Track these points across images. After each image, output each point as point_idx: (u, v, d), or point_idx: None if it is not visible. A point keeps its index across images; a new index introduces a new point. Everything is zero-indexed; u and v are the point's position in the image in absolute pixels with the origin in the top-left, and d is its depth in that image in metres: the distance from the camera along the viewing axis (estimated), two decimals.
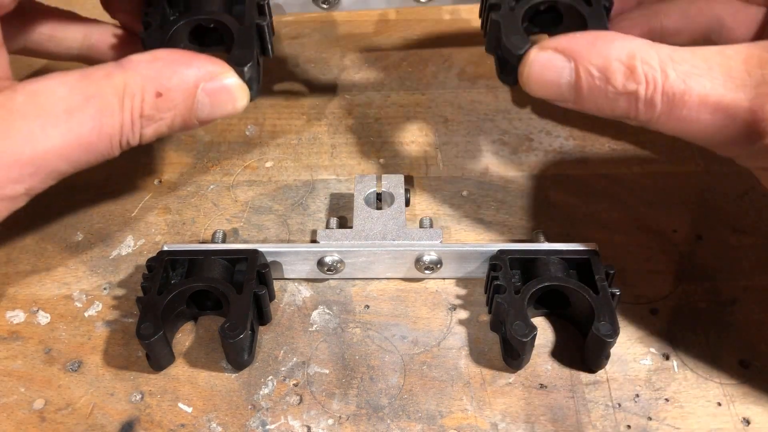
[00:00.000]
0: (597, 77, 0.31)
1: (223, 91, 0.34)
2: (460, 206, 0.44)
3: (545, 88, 0.33)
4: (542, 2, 0.37)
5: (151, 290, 0.36)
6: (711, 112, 0.29)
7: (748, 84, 0.28)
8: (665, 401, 0.35)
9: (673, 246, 0.42)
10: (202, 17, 0.37)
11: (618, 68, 0.30)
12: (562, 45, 0.32)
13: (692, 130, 0.30)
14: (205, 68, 0.33)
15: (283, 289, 0.40)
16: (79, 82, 0.31)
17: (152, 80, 0.32)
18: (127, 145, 0.33)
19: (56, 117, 0.30)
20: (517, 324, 0.34)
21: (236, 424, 0.34)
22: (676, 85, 0.29)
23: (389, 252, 0.39)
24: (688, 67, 0.29)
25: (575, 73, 0.32)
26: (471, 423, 0.34)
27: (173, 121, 0.33)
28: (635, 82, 0.30)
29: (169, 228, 0.43)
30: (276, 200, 0.45)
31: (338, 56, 0.55)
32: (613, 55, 0.31)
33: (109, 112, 0.31)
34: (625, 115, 0.32)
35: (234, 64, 0.34)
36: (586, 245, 0.38)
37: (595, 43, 0.31)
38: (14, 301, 0.39)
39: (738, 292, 0.39)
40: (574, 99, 0.33)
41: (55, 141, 0.30)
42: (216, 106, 0.34)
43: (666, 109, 0.30)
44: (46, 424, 0.35)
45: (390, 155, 0.48)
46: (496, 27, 0.36)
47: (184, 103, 0.33)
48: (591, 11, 0.36)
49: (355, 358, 0.37)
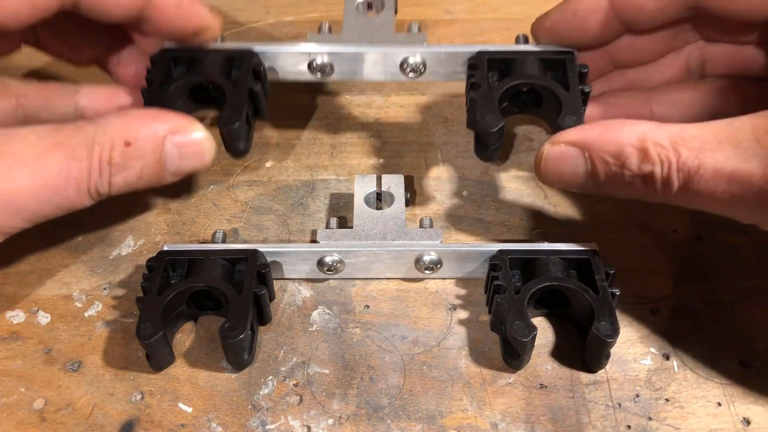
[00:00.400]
0: (612, 164, 0.32)
1: (191, 143, 0.36)
2: (460, 206, 0.44)
3: (563, 179, 0.35)
4: (522, 84, 0.39)
5: (151, 290, 0.36)
6: (726, 184, 0.30)
7: (759, 153, 0.29)
8: (665, 401, 0.35)
9: (673, 246, 0.42)
10: (200, 79, 0.40)
11: (631, 152, 0.31)
12: (573, 137, 0.34)
13: (711, 202, 0.31)
14: (173, 122, 0.35)
15: (283, 289, 0.40)
16: (49, 132, 0.33)
17: (121, 131, 0.34)
18: (97, 194, 0.34)
19: (24, 159, 0.32)
20: (517, 324, 0.34)
21: (236, 424, 0.34)
22: (690, 162, 0.30)
23: (389, 252, 0.39)
24: (698, 143, 0.30)
25: (590, 163, 0.33)
26: (471, 423, 0.34)
27: (143, 171, 0.35)
28: (650, 164, 0.31)
29: (169, 228, 0.43)
30: (276, 200, 0.45)
31: None
32: (624, 140, 0.32)
33: (78, 157, 0.33)
34: (644, 195, 0.33)
35: (221, 123, 0.37)
36: (586, 245, 0.38)
37: (606, 132, 0.32)
38: (14, 301, 0.39)
39: (738, 292, 0.39)
40: (593, 186, 0.34)
41: (22, 181, 0.32)
42: (184, 158, 0.36)
43: (683, 185, 0.31)
44: (46, 424, 0.35)
45: (390, 155, 0.48)
46: (474, 105, 0.38)
47: (153, 153, 0.34)
48: (567, 96, 0.38)
49: (355, 358, 0.37)
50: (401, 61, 0.42)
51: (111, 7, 0.37)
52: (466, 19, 0.58)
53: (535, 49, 0.41)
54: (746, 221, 0.32)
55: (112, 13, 0.38)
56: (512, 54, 0.41)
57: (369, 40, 0.42)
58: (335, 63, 0.42)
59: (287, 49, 0.42)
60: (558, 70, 0.40)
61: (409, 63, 0.42)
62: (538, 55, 0.40)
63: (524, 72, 0.40)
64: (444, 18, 0.58)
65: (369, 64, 0.42)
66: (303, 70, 0.43)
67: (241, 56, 0.41)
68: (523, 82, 0.39)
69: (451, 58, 0.42)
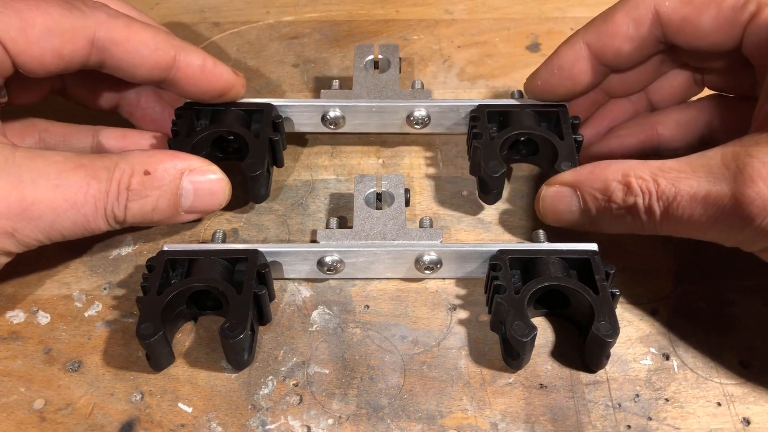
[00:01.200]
0: (601, 198, 0.36)
1: (207, 183, 0.38)
2: (460, 206, 0.44)
3: (560, 217, 0.38)
4: (520, 134, 0.43)
5: (151, 290, 0.36)
6: (702, 208, 0.32)
7: (727, 175, 0.32)
8: (665, 401, 0.35)
9: (673, 246, 0.42)
10: (223, 130, 0.43)
11: (617, 187, 0.35)
12: (566, 178, 0.38)
13: (692, 228, 0.33)
14: (192, 161, 0.38)
15: (283, 289, 0.40)
16: (74, 155, 0.35)
17: (142, 161, 0.36)
18: (113, 218, 0.36)
19: (47, 174, 0.34)
20: (517, 324, 0.34)
21: (236, 424, 0.34)
22: (668, 190, 0.33)
23: (389, 252, 0.39)
24: (675, 173, 0.33)
25: (582, 199, 0.37)
26: (471, 423, 0.34)
27: (158, 202, 0.37)
28: (633, 195, 0.34)
29: (169, 228, 0.43)
30: (276, 200, 0.45)
31: (338, 56, 0.55)
32: (610, 177, 0.35)
33: (98, 178, 0.35)
34: (633, 227, 0.36)
35: (246, 170, 0.40)
36: (586, 245, 0.38)
37: (594, 171, 0.36)
38: (14, 301, 0.39)
39: (738, 292, 0.39)
40: (588, 222, 0.37)
41: (43, 192, 0.34)
42: (199, 197, 0.38)
43: (664, 212, 0.34)
44: (46, 424, 0.35)
45: (390, 155, 0.48)
46: (478, 153, 0.41)
47: (170, 185, 0.37)
48: (563, 144, 0.41)
49: (355, 358, 0.37)
50: (407, 114, 0.45)
51: (136, 69, 0.39)
52: (466, 18, 0.58)
53: (531, 103, 0.44)
54: (729, 244, 0.34)
55: (138, 76, 0.39)
56: (510, 107, 0.44)
57: (377, 95, 0.46)
58: (347, 116, 0.45)
59: (303, 103, 0.45)
60: (552, 121, 0.44)
61: (414, 116, 0.45)
62: (534, 108, 0.44)
63: (522, 123, 0.43)
64: (444, 18, 0.58)
65: (378, 117, 0.46)
66: (317, 122, 0.46)
67: (260, 109, 0.44)
68: (522, 132, 0.43)
69: (453, 111, 0.45)
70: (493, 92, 0.52)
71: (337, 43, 0.56)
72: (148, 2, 0.60)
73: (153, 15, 0.59)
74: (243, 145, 0.42)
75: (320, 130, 0.46)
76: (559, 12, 0.59)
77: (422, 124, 0.45)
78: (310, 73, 0.54)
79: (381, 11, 0.59)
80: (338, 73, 0.54)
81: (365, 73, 0.47)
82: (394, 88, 0.46)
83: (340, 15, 0.59)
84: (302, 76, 0.53)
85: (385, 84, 0.47)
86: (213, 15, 0.59)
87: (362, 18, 0.59)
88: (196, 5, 0.60)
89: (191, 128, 0.43)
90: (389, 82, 0.47)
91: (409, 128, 0.46)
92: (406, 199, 0.41)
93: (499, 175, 0.40)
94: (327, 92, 0.46)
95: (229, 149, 0.44)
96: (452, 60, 0.54)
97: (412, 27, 0.58)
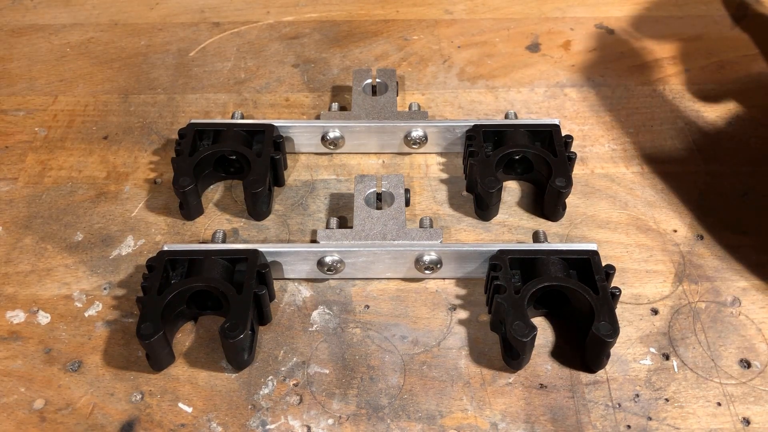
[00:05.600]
0: None
1: None
2: (460, 206, 0.44)
3: None
4: (515, 152, 0.44)
5: (151, 290, 0.36)
6: None
7: None
8: (665, 401, 0.35)
9: (673, 246, 0.42)
10: (225, 150, 0.44)
11: None
12: None
13: None
14: None
15: (283, 289, 0.40)
16: None
17: None
18: None
19: None
20: (517, 324, 0.34)
21: (236, 424, 0.34)
22: None
23: (389, 252, 0.39)
24: None
25: None
26: (471, 423, 0.34)
27: None
28: None
29: (169, 228, 0.43)
30: (276, 200, 0.45)
31: (338, 56, 0.55)
32: None
33: None
34: None
35: (249, 187, 0.41)
36: (586, 245, 0.38)
37: None
38: (14, 301, 0.39)
39: (738, 292, 0.39)
40: None
41: None
42: None
43: None
44: (46, 424, 0.35)
45: (390, 155, 0.48)
46: (474, 170, 0.43)
47: None
48: (557, 161, 0.42)
49: (355, 358, 0.37)
50: (405, 134, 0.46)
51: None
52: (466, 18, 0.58)
53: (525, 123, 0.46)
54: None
55: None
56: (505, 127, 0.45)
57: (376, 116, 0.47)
58: (346, 137, 0.47)
59: (303, 124, 0.46)
60: (545, 139, 0.45)
61: (412, 136, 0.46)
62: (527, 128, 0.45)
63: (516, 142, 0.44)
64: (444, 18, 0.58)
65: (376, 137, 0.47)
66: (317, 142, 0.47)
67: (262, 130, 0.45)
68: (517, 150, 0.44)
69: (449, 131, 0.46)
70: (493, 92, 0.52)
71: (337, 43, 0.56)
72: (148, 2, 0.60)
73: (153, 15, 0.59)
74: (245, 164, 0.43)
75: (320, 150, 0.47)
76: (559, 12, 0.59)
77: (419, 144, 0.46)
78: (310, 73, 0.54)
79: (381, 11, 0.59)
80: (338, 73, 0.53)
81: (363, 95, 0.49)
82: (392, 110, 0.47)
83: (340, 15, 0.59)
84: (302, 76, 0.53)
85: (383, 105, 0.48)
86: (213, 15, 0.59)
87: (362, 18, 0.59)
88: (196, 5, 0.60)
89: (194, 148, 0.44)
90: (387, 103, 0.48)
91: (407, 148, 0.47)
92: (406, 199, 0.41)
93: (496, 191, 0.41)
94: (327, 114, 0.47)
95: (231, 168, 0.45)
96: (452, 60, 0.54)
97: (412, 27, 0.58)
